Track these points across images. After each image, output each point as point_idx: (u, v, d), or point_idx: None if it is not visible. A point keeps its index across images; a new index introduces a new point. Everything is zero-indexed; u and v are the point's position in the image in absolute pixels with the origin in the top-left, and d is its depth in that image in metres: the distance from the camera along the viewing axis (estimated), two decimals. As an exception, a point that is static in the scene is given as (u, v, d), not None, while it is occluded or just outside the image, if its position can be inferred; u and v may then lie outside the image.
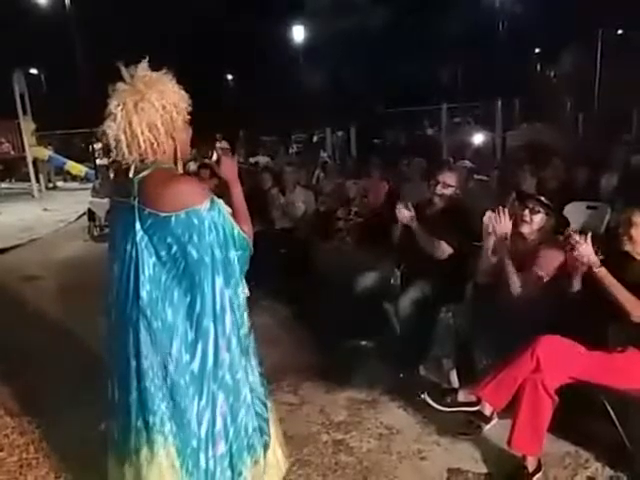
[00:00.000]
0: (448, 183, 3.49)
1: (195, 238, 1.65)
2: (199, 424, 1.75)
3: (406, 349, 3.29)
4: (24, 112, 12.58)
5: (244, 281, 1.83)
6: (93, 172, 13.00)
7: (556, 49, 22.26)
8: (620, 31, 20.22)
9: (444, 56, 23.76)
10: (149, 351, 1.69)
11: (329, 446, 2.69)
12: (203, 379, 1.73)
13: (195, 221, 1.65)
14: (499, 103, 9.09)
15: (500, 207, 2.92)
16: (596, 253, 2.35)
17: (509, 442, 2.33)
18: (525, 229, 2.96)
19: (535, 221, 2.96)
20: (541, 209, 2.95)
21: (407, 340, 3.29)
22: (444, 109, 10.07)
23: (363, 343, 3.57)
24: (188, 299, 1.70)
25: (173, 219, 1.64)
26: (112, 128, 1.68)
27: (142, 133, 1.67)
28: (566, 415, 2.34)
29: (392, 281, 3.55)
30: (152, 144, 1.69)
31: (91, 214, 7.94)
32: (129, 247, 1.69)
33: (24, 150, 13.05)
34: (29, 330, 4.15)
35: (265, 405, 1.95)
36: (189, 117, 1.79)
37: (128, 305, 1.69)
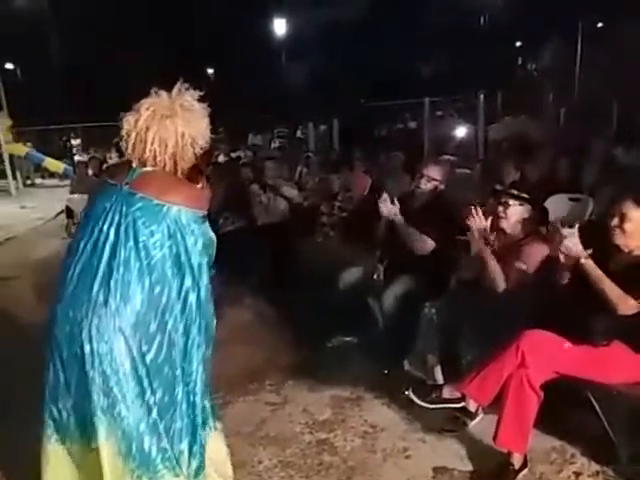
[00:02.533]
0: (432, 177, 3.45)
1: (178, 235, 1.75)
2: (149, 412, 1.76)
3: (390, 345, 3.26)
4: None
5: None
6: (71, 169, 12.77)
7: (537, 43, 22.48)
8: (600, 24, 20.46)
9: (427, 49, 23.75)
10: (111, 335, 1.70)
11: (312, 446, 2.64)
12: (152, 371, 1.76)
13: (183, 220, 1.75)
14: (482, 96, 9.05)
15: (476, 205, 2.91)
16: (582, 244, 2.32)
17: (495, 439, 2.31)
18: (503, 224, 2.97)
19: (510, 215, 2.94)
20: (513, 202, 2.93)
21: (391, 336, 3.25)
22: (426, 102, 10.01)
23: (347, 339, 3.52)
24: (157, 290, 1.73)
25: (165, 209, 1.73)
26: (130, 122, 1.77)
27: (152, 143, 1.76)
28: (551, 410, 2.32)
29: (375, 276, 3.50)
30: (155, 157, 1.78)
31: (69, 211, 7.76)
32: (106, 227, 1.74)
33: (0, 147, 12.77)
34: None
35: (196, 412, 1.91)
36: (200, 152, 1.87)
37: (95, 286, 1.71)
